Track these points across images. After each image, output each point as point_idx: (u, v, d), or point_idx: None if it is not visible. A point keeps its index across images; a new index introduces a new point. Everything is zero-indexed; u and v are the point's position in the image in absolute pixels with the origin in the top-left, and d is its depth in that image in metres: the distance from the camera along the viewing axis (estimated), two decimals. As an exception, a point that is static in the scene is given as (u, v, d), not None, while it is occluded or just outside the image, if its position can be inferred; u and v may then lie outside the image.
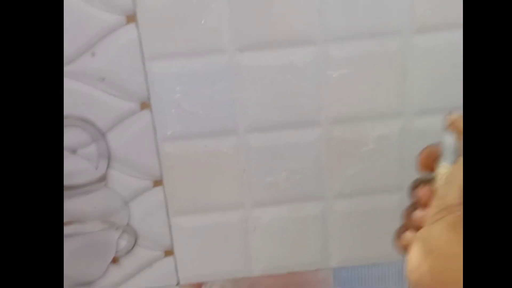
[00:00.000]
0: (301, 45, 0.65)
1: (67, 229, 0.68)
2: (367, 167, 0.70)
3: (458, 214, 0.44)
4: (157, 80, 0.65)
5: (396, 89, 0.67)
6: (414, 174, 0.69)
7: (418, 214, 0.50)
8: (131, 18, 0.63)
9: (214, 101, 0.66)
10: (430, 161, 0.51)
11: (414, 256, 0.46)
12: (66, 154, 0.66)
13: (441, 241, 0.44)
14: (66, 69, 0.64)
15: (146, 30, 0.63)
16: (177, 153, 0.68)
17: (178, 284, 0.73)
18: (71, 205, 0.68)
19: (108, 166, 0.67)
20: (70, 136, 0.66)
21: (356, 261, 0.74)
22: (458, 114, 0.50)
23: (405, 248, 0.49)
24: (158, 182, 0.69)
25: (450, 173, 0.48)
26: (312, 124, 0.68)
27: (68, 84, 0.64)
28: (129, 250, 0.71)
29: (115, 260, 0.71)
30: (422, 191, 0.50)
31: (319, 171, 0.70)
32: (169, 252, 0.72)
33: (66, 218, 0.68)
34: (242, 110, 0.67)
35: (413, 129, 0.69)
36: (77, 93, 0.65)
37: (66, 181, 0.67)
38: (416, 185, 0.51)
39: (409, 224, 0.51)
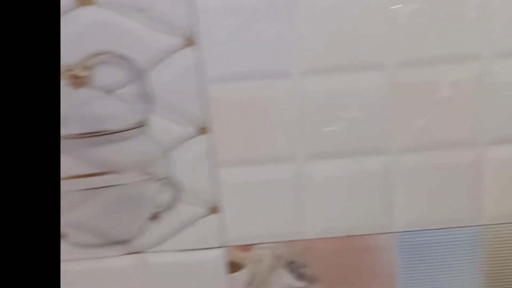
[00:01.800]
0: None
1: (100, 180, 0.62)
2: (438, 117, 0.62)
3: None
4: (204, 12, 0.58)
5: (473, 27, 0.59)
6: (492, 126, 0.61)
7: None
8: None
9: (267, 38, 0.59)
10: None
11: None
12: (100, 94, 0.59)
13: None
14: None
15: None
16: (224, 96, 0.61)
17: (223, 245, 0.66)
18: (106, 153, 0.61)
19: (147, 110, 0.60)
20: (105, 75, 0.59)
21: (424, 224, 0.66)
22: None
23: None
24: (203, 130, 0.61)
25: None
26: (376, 67, 0.60)
27: (103, 16, 0.58)
28: (170, 206, 0.63)
29: (154, 217, 0.64)
30: None
31: (384, 121, 0.62)
32: (214, 210, 0.64)
33: (100, 168, 0.62)
34: (297, 49, 0.59)
35: (492, 74, 0.60)
36: (113, 26, 0.58)
37: (100, 126, 0.60)
38: None
39: None
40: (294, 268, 0.67)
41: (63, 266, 0.64)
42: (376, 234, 0.66)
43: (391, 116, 0.62)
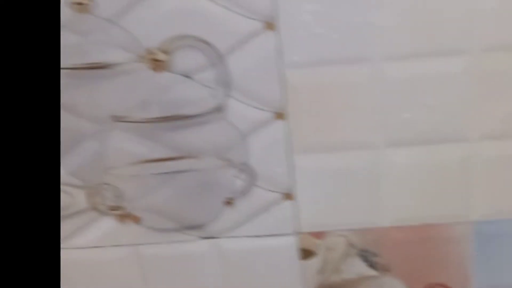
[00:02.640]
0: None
1: (178, 164, 0.62)
2: (521, 105, 0.60)
3: None
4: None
5: None
6: None
7: None
8: None
9: (349, 23, 0.58)
10: None
11: None
12: (180, 79, 0.59)
13: None
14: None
15: None
16: (303, 82, 0.60)
17: (296, 232, 0.65)
18: (184, 138, 0.61)
19: (226, 95, 0.60)
20: (185, 59, 0.59)
21: (503, 214, 0.64)
22: None
23: None
24: (280, 115, 0.61)
25: None
26: (459, 52, 0.59)
27: (184, 0, 0.57)
28: (246, 191, 0.63)
29: (229, 202, 0.64)
30: None
31: (465, 108, 0.60)
32: (289, 196, 0.64)
33: (178, 152, 0.61)
34: (379, 34, 0.58)
35: None
36: (194, 10, 0.58)
37: (179, 110, 0.60)
38: None
39: None
40: (367, 256, 0.66)
41: (138, 249, 0.64)
42: (453, 223, 0.65)
43: (473, 103, 0.61)
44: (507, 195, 0.63)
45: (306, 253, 0.66)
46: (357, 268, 0.67)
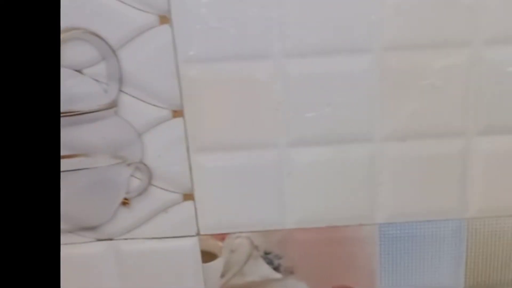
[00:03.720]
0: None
1: (70, 163, 0.59)
2: (426, 104, 0.59)
3: None
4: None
5: (464, 12, 0.56)
6: (481, 115, 0.58)
7: None
8: None
9: (247, 16, 0.56)
10: None
11: None
12: (70, 73, 0.56)
13: None
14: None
15: None
16: (201, 77, 0.57)
17: (197, 234, 0.63)
18: (76, 135, 0.58)
19: (119, 90, 0.57)
20: (75, 52, 0.56)
21: (407, 216, 0.63)
22: None
23: None
24: (178, 112, 0.58)
25: None
26: (362, 50, 0.57)
27: (74, -12, 0.54)
28: (142, 191, 0.61)
29: (125, 202, 0.61)
30: None
31: (369, 107, 0.59)
32: (188, 196, 0.61)
33: (69, 150, 0.58)
34: (279, 29, 0.56)
35: (483, 60, 0.57)
36: (83, 1, 0.54)
37: (70, 106, 0.57)
38: None
39: None
40: (271, 259, 0.64)
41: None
42: (358, 225, 0.63)
43: (377, 102, 0.59)
44: (411, 197, 0.62)
45: (208, 256, 0.64)
46: (261, 270, 0.64)
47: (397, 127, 0.60)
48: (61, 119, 0.57)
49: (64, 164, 0.59)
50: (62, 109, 0.57)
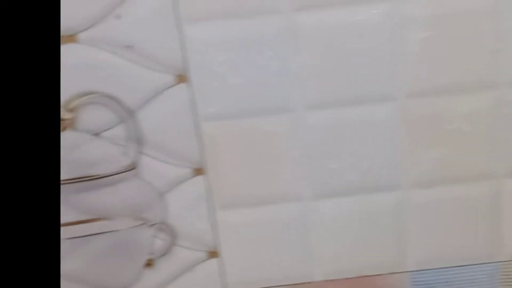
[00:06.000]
0: (371, 0, 0.52)
1: (92, 227, 0.57)
2: (452, 149, 0.57)
3: None
4: (196, 47, 0.54)
5: (487, 56, 0.54)
6: (510, 157, 0.56)
7: None
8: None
9: (265, 71, 0.54)
10: None
11: None
12: (88, 137, 0.55)
13: None
14: (86, 35, 0.52)
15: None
16: (221, 134, 0.56)
17: (225, 290, 0.61)
18: (96, 199, 0.57)
19: (138, 152, 0.55)
20: (93, 116, 0.55)
21: (438, 262, 0.61)
22: None
23: None
24: (199, 170, 0.57)
25: None
26: (384, 98, 0.56)
27: (89, 53, 0.53)
28: (166, 251, 0.59)
29: (149, 263, 0.59)
30: None
31: (393, 155, 0.57)
32: (213, 253, 0.60)
33: (90, 214, 0.57)
34: (299, 82, 0.55)
35: (507, 104, 0.56)
36: (100, 64, 0.53)
37: (89, 170, 0.56)
38: None
39: None
40: (301, 311, 0.63)
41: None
42: (388, 273, 0.62)
43: (401, 149, 0.57)
44: (441, 243, 0.60)
45: (236, 312, 0.62)
46: (292, 324, 0.63)
47: (423, 174, 0.58)
48: (81, 184, 0.56)
49: (86, 229, 0.58)
50: (81, 174, 0.56)
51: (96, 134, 0.55)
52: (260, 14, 0.53)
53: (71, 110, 0.54)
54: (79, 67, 0.53)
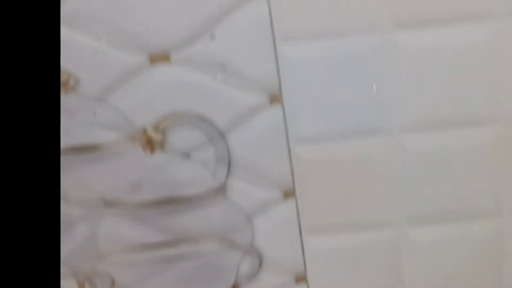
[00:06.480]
0: (475, 18, 0.49)
1: (176, 250, 0.56)
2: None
3: None
4: (290, 66, 0.51)
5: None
6: None
7: None
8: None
9: (361, 93, 0.52)
10: None
11: None
12: (177, 158, 0.53)
13: None
14: (179, 55, 0.51)
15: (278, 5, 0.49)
16: (313, 158, 0.54)
17: (311, 316, 0.59)
18: (184, 221, 0.56)
19: (228, 174, 0.54)
20: (182, 137, 0.53)
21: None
22: None
23: None
24: (289, 193, 0.55)
25: None
26: (486, 121, 0.53)
27: (180, 75, 0.52)
28: (253, 276, 0.58)
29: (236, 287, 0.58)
30: None
31: (494, 180, 0.54)
32: (301, 278, 0.59)
33: (177, 236, 0.56)
34: (396, 104, 0.52)
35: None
36: (191, 84, 0.52)
37: (178, 191, 0.54)
38: None
39: None
40: None
41: None
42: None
43: (502, 175, 0.54)
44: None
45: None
46: None
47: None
48: (167, 205, 0.55)
49: (171, 251, 0.57)
50: (168, 195, 0.55)
51: (186, 155, 0.54)
52: (355, 32, 0.50)
53: (160, 131, 0.53)
54: (171, 87, 0.52)
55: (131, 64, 0.51)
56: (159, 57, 0.51)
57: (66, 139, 0.53)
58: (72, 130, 0.53)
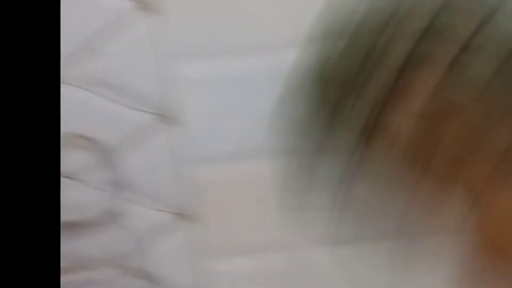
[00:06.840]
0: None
1: (71, 277, 0.54)
2: None
3: None
4: (180, 85, 0.50)
5: None
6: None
7: None
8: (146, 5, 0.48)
9: (254, 112, 0.51)
10: None
11: None
12: (65, 182, 0.52)
13: None
14: (62, 72, 0.49)
15: (167, 22, 0.48)
16: (207, 178, 0.53)
17: None
18: (74, 247, 0.54)
19: (119, 197, 0.52)
20: (70, 159, 0.51)
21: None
22: None
23: None
24: (183, 216, 0.53)
25: None
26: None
27: (65, 92, 0.50)
28: (149, 302, 0.56)
29: (130, 314, 0.56)
30: None
31: None
32: (199, 304, 0.57)
33: (69, 264, 0.54)
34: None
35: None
36: (77, 104, 0.50)
37: (67, 216, 0.52)
38: None
39: None
40: None
41: None
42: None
43: None
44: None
45: None
46: None
47: None
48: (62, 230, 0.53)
49: (64, 279, 0.55)
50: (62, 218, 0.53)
51: (74, 178, 0.52)
52: (248, 51, 0.50)
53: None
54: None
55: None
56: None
57: None
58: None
